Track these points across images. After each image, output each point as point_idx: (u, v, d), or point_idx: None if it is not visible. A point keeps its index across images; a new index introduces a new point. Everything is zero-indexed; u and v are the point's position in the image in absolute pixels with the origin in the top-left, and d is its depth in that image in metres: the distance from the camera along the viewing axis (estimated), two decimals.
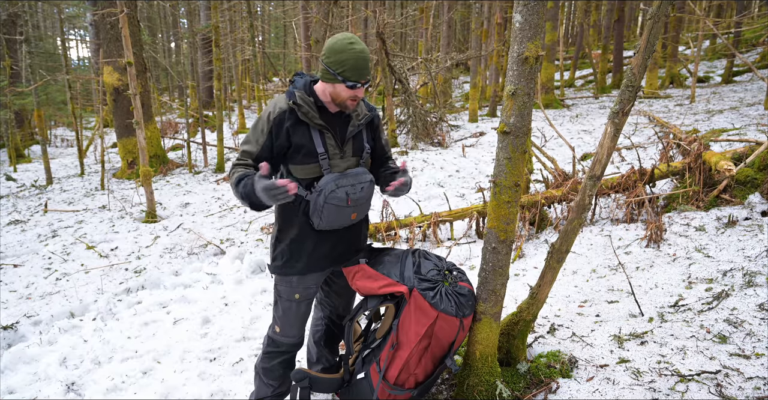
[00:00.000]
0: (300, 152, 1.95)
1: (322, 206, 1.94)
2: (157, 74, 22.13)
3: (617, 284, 3.25)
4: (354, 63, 1.84)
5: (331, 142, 1.99)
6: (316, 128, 1.96)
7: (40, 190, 8.92)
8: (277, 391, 2.28)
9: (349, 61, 1.84)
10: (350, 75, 1.85)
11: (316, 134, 1.96)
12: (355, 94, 1.91)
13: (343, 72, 1.85)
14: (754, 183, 3.87)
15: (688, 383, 2.13)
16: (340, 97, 1.92)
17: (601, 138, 2.03)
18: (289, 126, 1.93)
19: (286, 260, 2.09)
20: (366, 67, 1.87)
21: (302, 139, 1.94)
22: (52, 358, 3.22)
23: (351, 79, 1.86)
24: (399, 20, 12.00)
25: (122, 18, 5.82)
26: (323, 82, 1.95)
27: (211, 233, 5.65)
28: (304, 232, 2.05)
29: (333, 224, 2.01)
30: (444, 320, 1.98)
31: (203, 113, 11.00)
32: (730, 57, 12.28)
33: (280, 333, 2.19)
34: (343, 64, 1.84)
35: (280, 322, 2.18)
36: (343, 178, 1.97)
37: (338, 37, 1.88)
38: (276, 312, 2.20)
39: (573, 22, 29.10)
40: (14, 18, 13.23)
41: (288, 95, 1.97)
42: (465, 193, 6.13)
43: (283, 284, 2.14)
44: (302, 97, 1.94)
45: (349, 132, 2.03)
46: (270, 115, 1.94)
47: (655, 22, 1.83)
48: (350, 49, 1.84)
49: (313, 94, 1.99)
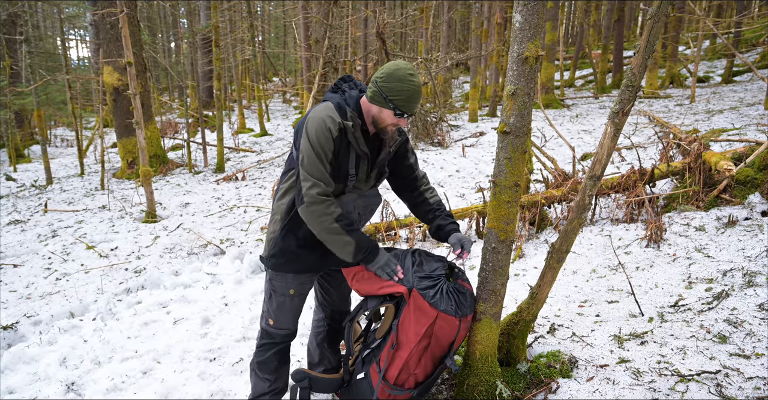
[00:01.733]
0: (334, 168, 1.94)
1: None
2: (157, 74, 22.14)
3: (617, 284, 3.25)
4: (409, 95, 1.87)
5: (363, 168, 2.00)
6: (356, 151, 1.96)
7: (40, 190, 8.92)
8: (273, 386, 2.26)
9: (405, 91, 1.86)
10: (402, 105, 1.88)
11: (353, 156, 1.96)
12: (398, 123, 1.92)
13: (397, 100, 1.87)
14: (754, 183, 3.87)
15: (688, 383, 2.13)
16: (384, 122, 1.93)
17: (601, 138, 2.03)
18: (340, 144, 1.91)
19: (287, 260, 2.09)
20: (418, 101, 1.90)
21: (341, 157, 1.94)
22: (52, 358, 3.22)
23: (402, 109, 1.88)
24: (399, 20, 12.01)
25: (122, 18, 5.82)
26: (369, 103, 1.95)
27: (211, 233, 5.65)
28: (308, 237, 2.05)
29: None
30: (443, 319, 1.98)
31: (203, 113, 11.00)
32: (730, 57, 12.28)
33: (274, 325, 2.20)
34: (399, 93, 1.86)
35: (273, 315, 2.19)
36: (360, 199, 2.03)
37: (400, 65, 1.89)
38: (269, 305, 2.20)
39: (573, 22, 29.10)
40: (14, 18, 13.23)
41: (339, 110, 1.92)
42: (465, 193, 6.13)
43: (279, 279, 2.14)
44: (353, 118, 1.92)
45: (380, 159, 2.04)
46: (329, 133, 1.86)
47: (655, 22, 1.83)
48: (410, 80, 1.87)
49: (361, 116, 1.97)
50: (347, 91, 2.02)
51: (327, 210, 1.88)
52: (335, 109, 1.92)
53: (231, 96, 20.54)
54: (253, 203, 6.78)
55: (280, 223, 2.09)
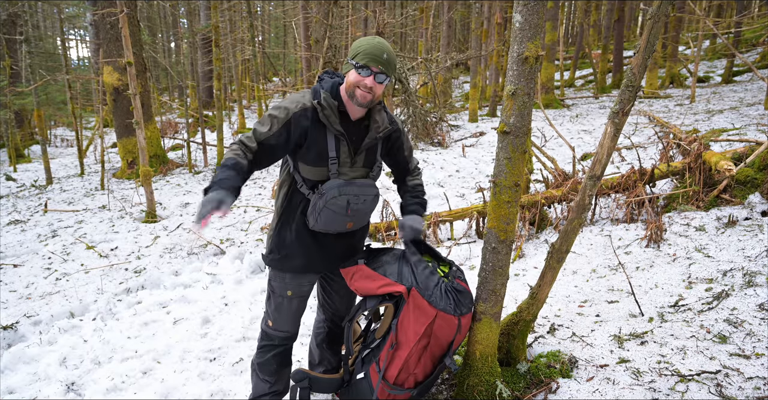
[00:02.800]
0: (312, 152, 1.95)
1: (321, 209, 1.95)
2: (157, 74, 22.13)
3: (617, 284, 3.25)
4: (368, 49, 1.87)
5: (344, 150, 1.99)
6: (332, 133, 1.96)
7: (40, 190, 8.92)
8: (273, 388, 2.26)
9: (363, 46, 1.88)
10: (361, 58, 1.87)
11: (331, 138, 1.96)
12: (364, 81, 1.88)
13: (356, 56, 1.88)
14: (754, 183, 3.87)
15: (688, 383, 2.13)
16: (350, 86, 1.92)
17: (601, 138, 2.03)
18: (308, 124, 1.93)
19: (283, 256, 2.10)
20: (379, 55, 1.87)
21: (317, 140, 1.95)
22: (52, 358, 3.22)
23: (361, 61, 1.87)
24: (399, 20, 11.99)
25: (122, 18, 5.82)
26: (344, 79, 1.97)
27: (211, 233, 5.65)
28: (301, 231, 2.06)
29: (328, 227, 2.02)
30: (442, 318, 1.98)
31: (203, 113, 11.00)
32: (730, 57, 12.27)
33: (273, 327, 2.20)
34: (358, 49, 1.89)
35: (272, 316, 2.19)
36: (348, 186, 1.97)
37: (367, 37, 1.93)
38: (269, 306, 2.20)
39: (573, 22, 29.10)
40: (14, 18, 13.22)
41: (314, 93, 1.97)
42: (465, 193, 6.13)
43: (277, 280, 2.15)
44: (327, 99, 1.93)
45: (364, 143, 2.02)
46: (293, 108, 1.93)
47: (655, 22, 1.83)
48: (370, 40, 1.90)
49: (338, 98, 1.98)
50: (324, 78, 2.05)
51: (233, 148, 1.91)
52: (309, 93, 1.98)
53: (231, 96, 20.53)
54: (253, 202, 6.78)
55: (276, 219, 2.12)
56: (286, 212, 2.08)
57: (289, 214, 2.06)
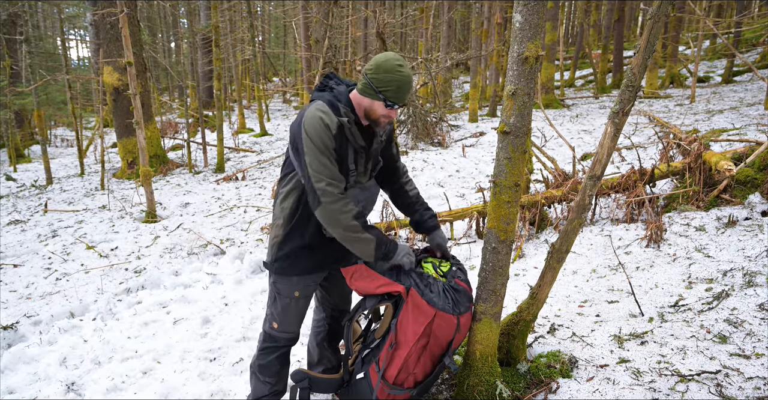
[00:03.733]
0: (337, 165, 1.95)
1: None
2: (157, 74, 22.13)
3: (617, 284, 3.25)
4: (398, 85, 1.87)
5: (361, 161, 2.01)
6: (353, 146, 1.96)
7: (40, 190, 8.92)
8: (273, 389, 2.26)
9: (394, 82, 1.86)
10: (392, 96, 1.87)
11: (351, 151, 1.96)
12: (389, 114, 1.92)
13: (386, 91, 1.87)
14: (754, 183, 3.87)
15: (688, 383, 2.13)
16: (375, 114, 1.93)
17: (601, 138, 2.03)
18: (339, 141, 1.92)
19: (291, 263, 2.08)
20: (408, 91, 1.90)
21: (342, 155, 1.94)
22: (52, 358, 3.22)
23: (392, 100, 1.88)
24: (399, 20, 11.99)
25: (122, 18, 5.82)
26: (360, 95, 1.95)
27: (211, 233, 5.65)
28: (314, 237, 2.05)
29: None
30: (441, 318, 1.99)
31: (203, 113, 11.00)
32: (730, 57, 12.28)
33: (278, 329, 2.19)
34: (389, 84, 1.86)
35: (278, 318, 2.18)
36: (362, 193, 2.04)
37: (389, 56, 1.89)
38: (274, 309, 2.18)
39: (573, 22, 29.10)
40: (14, 18, 13.23)
41: (332, 107, 1.91)
42: (465, 193, 6.13)
43: (283, 282, 2.13)
44: (347, 113, 1.92)
45: (373, 149, 2.04)
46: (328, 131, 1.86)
47: (655, 22, 1.83)
48: (399, 71, 1.86)
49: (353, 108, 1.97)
50: (335, 87, 2.02)
51: (345, 208, 1.88)
52: (328, 106, 1.91)
53: (231, 96, 20.54)
54: (253, 202, 6.78)
55: (283, 228, 2.07)
56: (298, 221, 2.04)
57: (301, 221, 2.03)
